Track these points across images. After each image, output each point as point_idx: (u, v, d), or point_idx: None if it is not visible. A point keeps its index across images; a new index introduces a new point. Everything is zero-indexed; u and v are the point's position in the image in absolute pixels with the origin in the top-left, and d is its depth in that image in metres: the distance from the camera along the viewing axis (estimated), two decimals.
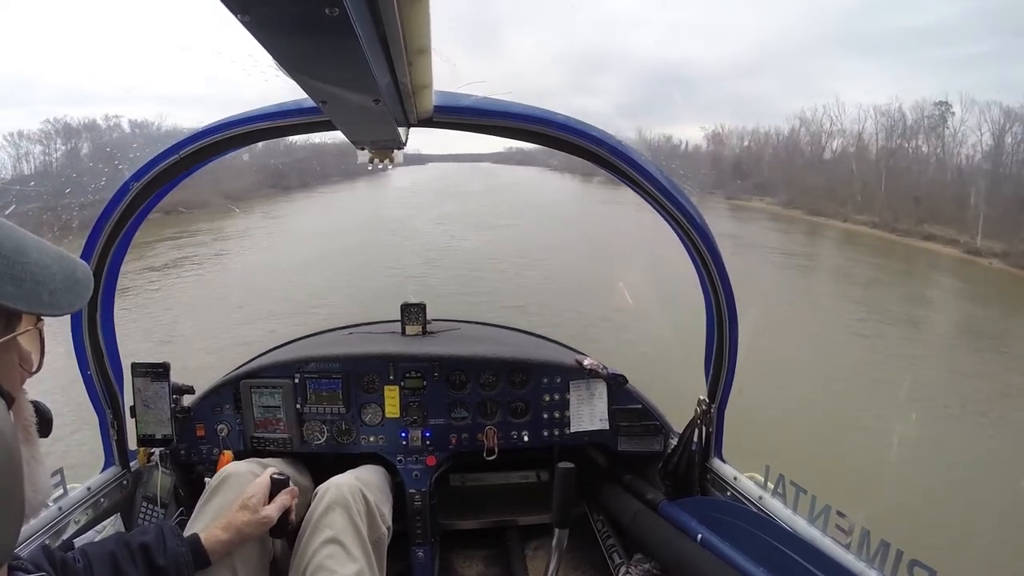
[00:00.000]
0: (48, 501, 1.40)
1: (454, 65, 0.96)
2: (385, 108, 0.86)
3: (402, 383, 1.96)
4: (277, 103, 1.36)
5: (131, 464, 1.73)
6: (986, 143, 37.58)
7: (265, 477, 1.37)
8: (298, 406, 1.92)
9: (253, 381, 1.91)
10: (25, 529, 1.29)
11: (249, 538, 1.29)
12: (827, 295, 19.30)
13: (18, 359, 0.64)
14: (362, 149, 1.26)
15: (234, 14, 0.53)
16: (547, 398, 1.99)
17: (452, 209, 35.07)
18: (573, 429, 1.99)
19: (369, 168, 1.30)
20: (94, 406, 1.65)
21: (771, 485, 1.46)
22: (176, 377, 1.76)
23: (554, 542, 1.46)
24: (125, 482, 1.70)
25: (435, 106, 1.21)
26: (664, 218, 1.49)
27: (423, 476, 1.95)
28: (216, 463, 1.81)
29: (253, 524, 1.28)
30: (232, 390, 1.92)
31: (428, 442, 1.96)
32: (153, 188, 1.46)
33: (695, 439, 1.69)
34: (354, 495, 1.49)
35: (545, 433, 2.00)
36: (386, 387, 1.96)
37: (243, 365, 2.09)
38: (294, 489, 1.39)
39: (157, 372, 1.72)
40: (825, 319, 15.49)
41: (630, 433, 1.99)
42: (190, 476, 1.89)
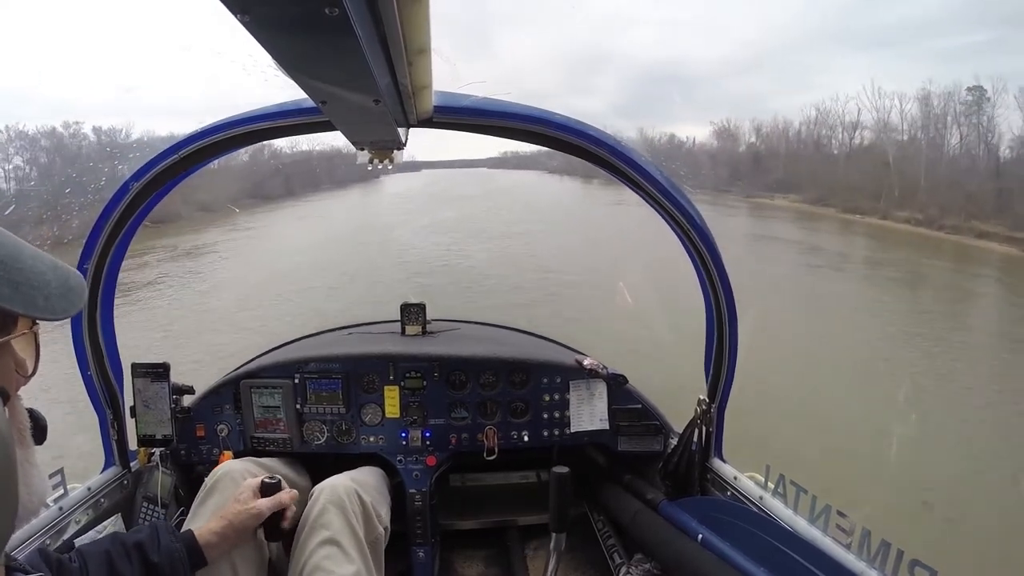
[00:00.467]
0: (48, 501, 1.40)
1: (454, 65, 0.96)
2: (385, 108, 0.86)
3: (402, 383, 1.96)
4: (277, 103, 1.36)
5: (131, 464, 1.73)
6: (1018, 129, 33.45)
7: (257, 479, 1.36)
8: (298, 406, 1.92)
9: (253, 381, 1.91)
10: (25, 529, 1.30)
11: (240, 532, 1.28)
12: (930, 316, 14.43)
13: (14, 364, 0.64)
14: (362, 149, 1.26)
15: (234, 14, 0.53)
16: (547, 398, 1.99)
17: (448, 216, 31.66)
18: (573, 429, 1.99)
19: (369, 168, 1.30)
20: (94, 406, 1.65)
21: (771, 485, 1.46)
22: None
23: (552, 545, 1.47)
24: (125, 482, 1.70)
25: (435, 106, 1.21)
26: (664, 218, 1.49)
27: (423, 476, 1.95)
28: (216, 463, 1.80)
29: (244, 514, 1.28)
30: (232, 390, 1.92)
31: (428, 442, 1.96)
32: (153, 188, 1.46)
33: (695, 439, 1.69)
34: (349, 496, 1.49)
35: (545, 433, 2.00)
36: (386, 387, 1.96)
37: (243, 365, 2.09)
38: (293, 492, 1.38)
39: (157, 372, 1.72)
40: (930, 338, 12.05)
41: (630, 433, 1.99)
42: (190, 476, 1.89)
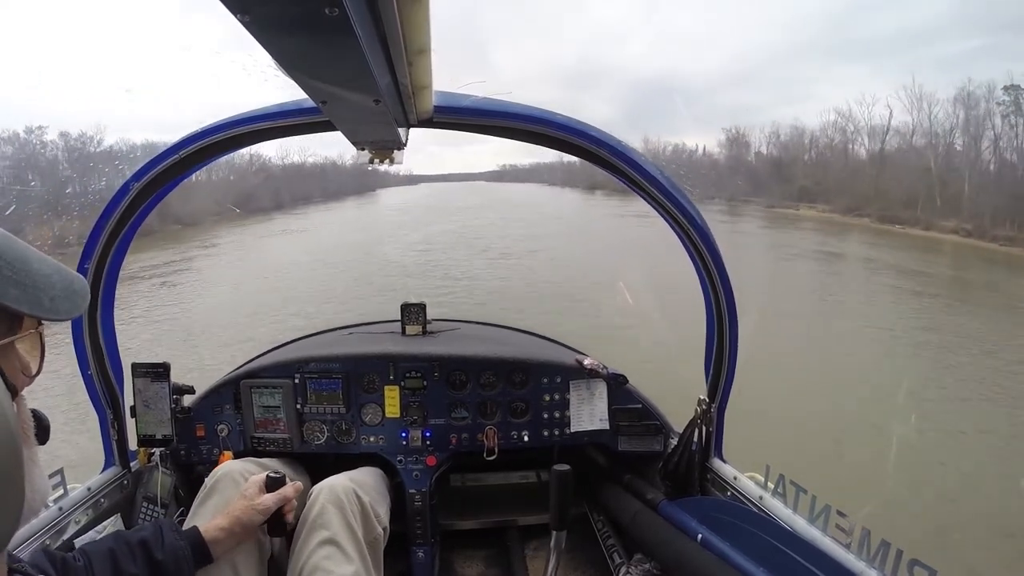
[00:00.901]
0: (48, 501, 1.40)
1: (453, 65, 0.96)
2: (385, 108, 0.86)
3: (402, 383, 1.96)
4: (277, 103, 1.36)
5: (131, 464, 1.73)
6: None
7: (262, 475, 1.37)
8: (298, 406, 1.92)
9: (253, 381, 1.92)
10: (25, 529, 1.30)
11: (247, 528, 1.29)
12: None
13: (19, 364, 0.65)
14: (362, 149, 1.26)
15: (234, 14, 0.53)
16: (547, 398, 1.99)
17: (446, 229, 28.54)
18: (573, 429, 1.99)
19: (368, 168, 1.30)
20: (94, 406, 1.65)
21: (771, 485, 1.46)
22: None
23: (552, 543, 1.46)
24: (125, 482, 1.70)
25: (435, 106, 1.21)
26: (664, 218, 1.49)
27: (423, 476, 1.95)
28: (216, 463, 1.80)
29: (250, 511, 1.28)
30: (232, 390, 1.92)
31: (428, 442, 1.96)
32: (153, 188, 1.46)
33: (695, 439, 1.69)
34: (348, 496, 1.50)
35: (545, 433, 2.00)
36: (386, 387, 1.96)
37: (243, 365, 2.09)
38: (297, 484, 1.39)
39: (157, 372, 1.72)
40: None
41: (630, 433, 1.99)
42: (190, 476, 1.89)
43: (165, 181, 1.46)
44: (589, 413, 2.00)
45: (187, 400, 1.89)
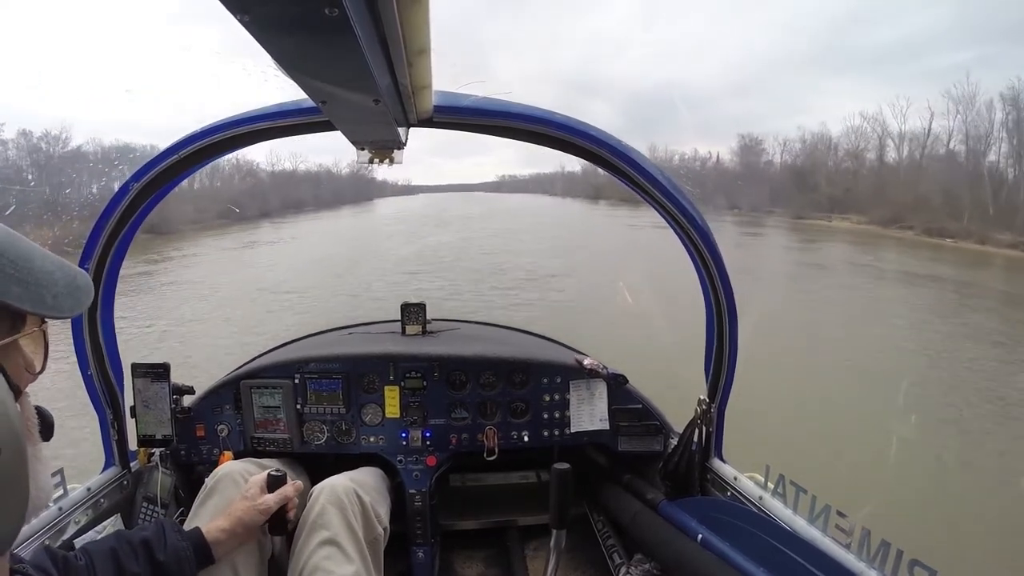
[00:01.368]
0: (48, 501, 1.40)
1: (454, 65, 0.96)
2: (385, 108, 0.86)
3: (402, 383, 1.96)
4: (277, 103, 1.36)
5: (131, 464, 1.73)
6: None
7: (263, 474, 1.37)
8: (298, 406, 1.92)
9: (253, 381, 1.91)
10: (26, 529, 1.29)
11: (248, 528, 1.29)
12: None
13: (23, 362, 0.65)
14: (362, 149, 1.26)
15: (234, 14, 0.53)
16: (547, 398, 1.99)
17: (445, 241, 24.88)
18: (573, 429, 1.99)
19: (368, 168, 1.30)
20: (94, 406, 1.65)
21: (771, 485, 1.46)
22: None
23: (552, 543, 1.46)
24: (125, 482, 1.70)
25: (435, 106, 1.21)
26: (664, 218, 1.49)
27: (423, 476, 1.95)
28: (216, 463, 1.80)
29: (251, 512, 1.28)
30: (232, 390, 1.92)
31: (428, 442, 1.96)
32: (153, 188, 1.46)
33: (695, 439, 1.69)
34: (349, 496, 1.49)
35: (545, 433, 1.99)
36: (386, 387, 1.96)
37: (243, 365, 2.09)
38: (298, 483, 1.39)
39: (157, 372, 1.72)
40: None
41: (630, 433, 1.99)
42: (190, 476, 1.89)
43: (165, 181, 1.46)
44: (589, 413, 2.00)
45: (187, 400, 1.89)
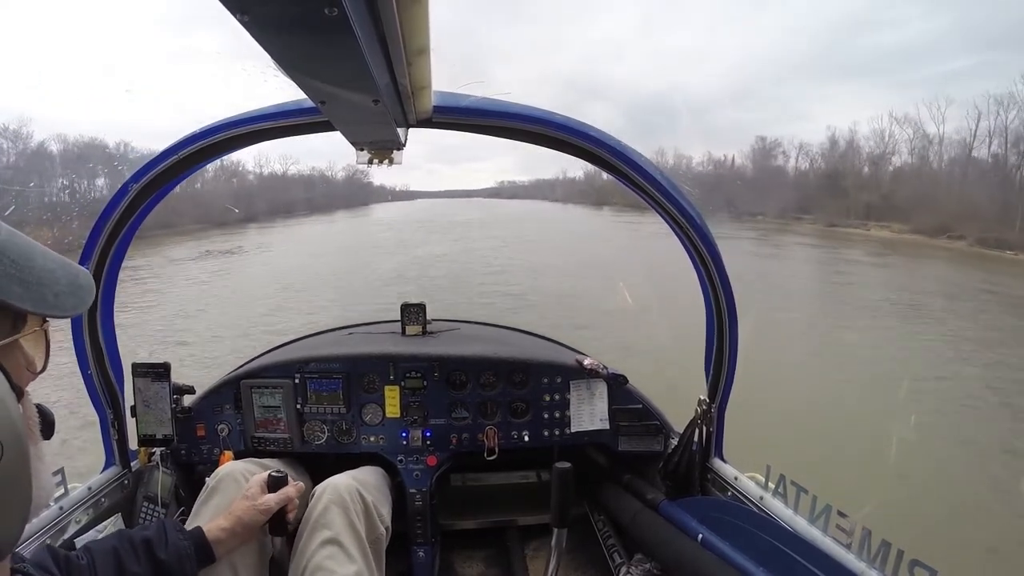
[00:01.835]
0: (49, 500, 1.40)
1: (453, 65, 0.96)
2: (384, 108, 0.86)
3: (402, 383, 1.96)
4: (277, 103, 1.36)
5: (132, 464, 1.73)
6: None
7: (264, 474, 1.37)
8: (298, 406, 1.93)
9: (253, 381, 1.92)
10: (26, 529, 1.30)
11: (249, 528, 1.29)
12: None
13: (24, 361, 0.65)
14: (361, 150, 1.26)
15: (233, 14, 0.53)
16: (547, 398, 1.99)
17: (441, 251, 23.00)
18: (573, 429, 1.99)
19: (368, 168, 1.30)
20: (95, 406, 1.65)
21: (772, 485, 1.46)
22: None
23: (553, 542, 1.46)
24: (126, 482, 1.70)
25: (435, 106, 1.21)
26: (664, 218, 1.49)
27: (424, 476, 1.95)
28: (217, 463, 1.81)
29: (252, 511, 1.28)
30: (232, 390, 1.92)
31: (428, 442, 1.96)
32: (152, 189, 1.46)
33: (695, 439, 1.69)
34: (351, 495, 1.50)
35: (545, 433, 1.99)
36: (386, 387, 1.96)
37: (243, 365, 2.09)
38: (300, 484, 1.39)
39: (158, 372, 1.72)
40: None
41: (630, 433, 1.99)
42: (191, 476, 1.89)
43: (164, 182, 1.46)
44: (589, 413, 2.00)
45: (187, 400, 1.89)
